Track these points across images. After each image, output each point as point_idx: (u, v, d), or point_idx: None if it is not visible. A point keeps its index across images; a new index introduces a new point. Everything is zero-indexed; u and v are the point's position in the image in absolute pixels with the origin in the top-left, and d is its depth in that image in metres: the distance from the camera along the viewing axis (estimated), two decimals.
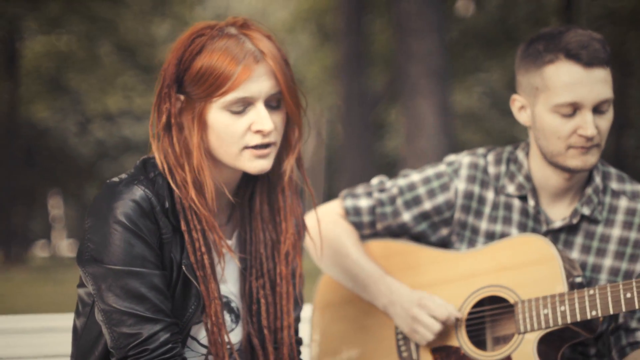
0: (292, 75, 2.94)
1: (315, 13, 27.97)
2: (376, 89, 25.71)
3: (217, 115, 2.86)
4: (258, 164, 2.90)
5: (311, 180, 3.14)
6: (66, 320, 3.55)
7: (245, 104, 2.86)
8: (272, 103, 2.91)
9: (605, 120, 3.43)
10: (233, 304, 3.05)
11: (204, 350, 3.00)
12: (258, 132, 2.87)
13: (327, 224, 3.66)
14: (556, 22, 21.28)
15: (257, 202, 3.06)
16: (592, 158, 3.44)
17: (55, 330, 4.00)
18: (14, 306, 14.98)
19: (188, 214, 2.89)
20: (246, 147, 2.88)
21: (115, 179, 2.89)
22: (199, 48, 2.86)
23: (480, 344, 3.50)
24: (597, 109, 3.40)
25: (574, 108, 3.40)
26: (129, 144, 31.38)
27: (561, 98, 3.39)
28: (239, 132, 2.87)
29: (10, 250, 30.52)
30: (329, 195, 27.17)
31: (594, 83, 3.38)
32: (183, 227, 2.88)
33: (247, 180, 3.06)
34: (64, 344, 3.47)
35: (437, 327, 3.45)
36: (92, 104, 29.85)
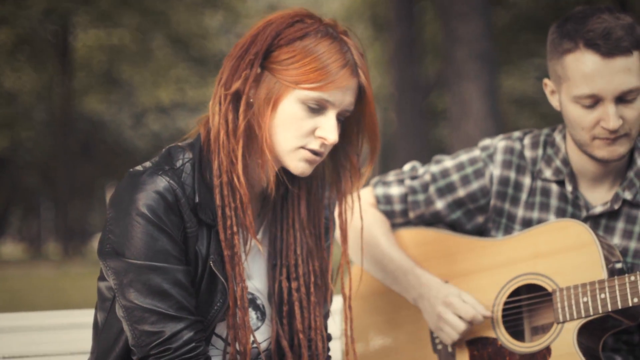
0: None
1: (368, 2, 27.93)
2: (429, 76, 25.64)
3: (292, 103, 2.73)
4: (303, 167, 2.78)
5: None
6: None
7: (321, 106, 2.74)
8: (340, 117, 2.79)
9: (633, 109, 3.29)
10: (259, 301, 2.93)
11: (230, 349, 2.86)
12: (321, 138, 2.75)
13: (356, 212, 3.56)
14: (611, 2, 20.92)
15: (295, 203, 2.93)
16: (620, 148, 3.32)
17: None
18: (71, 300, 15.12)
19: (225, 188, 2.76)
20: (303, 147, 2.76)
21: (139, 168, 2.77)
22: (302, 33, 2.73)
23: (517, 334, 3.41)
24: (621, 99, 3.27)
25: (595, 100, 3.27)
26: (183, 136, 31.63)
27: (580, 90, 3.28)
28: (304, 129, 2.74)
29: (69, 244, 30.91)
30: None
31: (614, 74, 3.24)
32: (218, 201, 2.76)
33: (291, 180, 2.91)
34: None
35: (462, 327, 3.35)
36: (145, 96, 30.11)
